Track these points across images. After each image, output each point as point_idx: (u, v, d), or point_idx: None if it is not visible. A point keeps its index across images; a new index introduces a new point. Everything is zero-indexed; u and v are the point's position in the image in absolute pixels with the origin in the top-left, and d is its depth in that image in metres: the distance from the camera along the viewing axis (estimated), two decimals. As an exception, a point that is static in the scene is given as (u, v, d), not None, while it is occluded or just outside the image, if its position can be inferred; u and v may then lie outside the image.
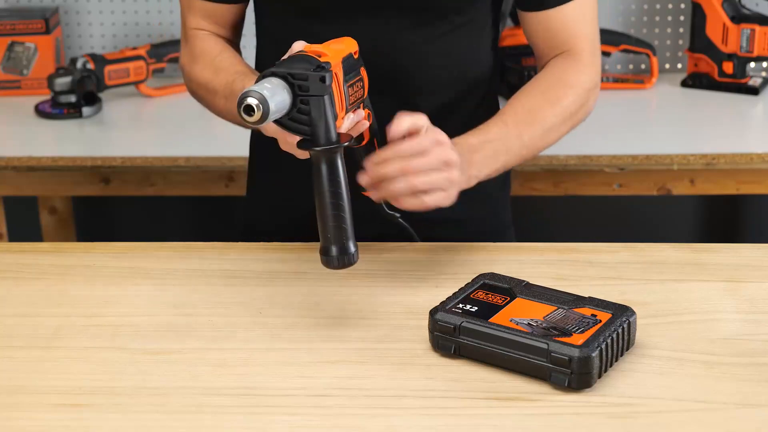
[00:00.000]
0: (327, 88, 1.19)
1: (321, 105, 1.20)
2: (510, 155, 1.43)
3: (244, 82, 1.41)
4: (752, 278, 1.38)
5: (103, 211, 2.90)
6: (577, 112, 1.49)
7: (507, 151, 1.42)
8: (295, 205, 1.56)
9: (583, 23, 1.51)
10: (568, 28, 1.50)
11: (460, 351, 1.19)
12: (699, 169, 2.17)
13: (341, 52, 1.27)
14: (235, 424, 1.10)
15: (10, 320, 1.31)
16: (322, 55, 1.23)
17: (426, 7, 1.47)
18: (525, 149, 1.45)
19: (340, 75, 1.25)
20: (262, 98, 1.16)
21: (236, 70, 1.46)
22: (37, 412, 1.13)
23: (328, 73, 1.19)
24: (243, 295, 1.35)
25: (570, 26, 1.50)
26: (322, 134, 1.20)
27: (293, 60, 1.22)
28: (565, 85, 1.49)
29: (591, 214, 2.83)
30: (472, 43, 1.52)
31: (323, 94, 1.19)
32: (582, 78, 1.50)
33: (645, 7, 2.62)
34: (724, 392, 1.14)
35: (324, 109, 1.20)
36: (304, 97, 1.20)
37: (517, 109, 1.46)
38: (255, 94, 1.16)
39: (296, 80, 1.19)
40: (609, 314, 1.20)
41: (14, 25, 2.51)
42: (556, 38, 1.51)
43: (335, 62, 1.24)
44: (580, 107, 1.50)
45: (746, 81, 2.47)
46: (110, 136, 2.35)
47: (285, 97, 1.19)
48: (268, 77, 1.20)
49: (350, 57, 1.29)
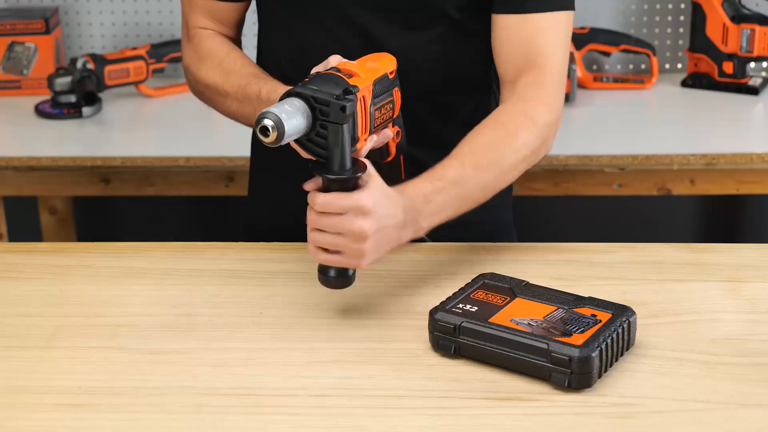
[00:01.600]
0: (347, 118, 1.20)
1: (339, 132, 1.20)
2: (465, 201, 1.36)
3: (259, 84, 1.42)
4: (752, 278, 1.38)
5: (103, 211, 2.90)
6: (537, 149, 1.42)
7: (464, 198, 1.35)
8: (296, 206, 1.56)
9: (556, 43, 1.44)
10: (539, 42, 1.43)
11: (460, 351, 1.19)
12: (699, 169, 2.17)
13: (375, 72, 1.28)
14: (235, 424, 1.10)
15: (9, 320, 1.31)
16: (354, 75, 1.24)
17: (420, 10, 1.46)
18: (482, 192, 1.38)
19: (368, 98, 1.25)
20: (278, 120, 1.17)
21: (248, 72, 1.47)
22: (37, 412, 1.13)
23: (349, 103, 1.19)
24: (243, 295, 1.35)
25: (542, 40, 1.43)
26: (336, 161, 1.21)
27: (322, 79, 1.22)
28: (525, 119, 1.41)
29: (591, 214, 2.83)
30: (467, 46, 1.51)
31: (342, 123, 1.20)
32: (543, 111, 1.42)
33: (645, 7, 2.62)
34: (724, 392, 1.14)
35: (341, 136, 1.20)
36: (323, 122, 1.20)
37: (475, 147, 1.38)
38: (272, 116, 1.17)
39: (318, 104, 1.20)
40: (609, 314, 1.20)
41: (14, 25, 2.51)
42: (526, 52, 1.43)
43: (365, 85, 1.24)
44: (541, 144, 1.42)
45: (746, 81, 2.47)
46: (110, 136, 2.35)
47: (302, 120, 1.19)
48: (292, 97, 1.20)
49: (384, 78, 1.29)
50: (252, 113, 1.43)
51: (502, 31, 1.45)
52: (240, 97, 1.45)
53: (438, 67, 1.50)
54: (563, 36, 1.45)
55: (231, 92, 1.47)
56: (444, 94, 1.52)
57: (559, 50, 1.44)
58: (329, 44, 1.48)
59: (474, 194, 1.37)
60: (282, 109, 1.18)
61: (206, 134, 2.28)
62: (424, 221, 1.31)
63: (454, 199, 1.34)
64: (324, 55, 1.44)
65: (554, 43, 1.44)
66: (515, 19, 1.44)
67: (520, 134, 1.40)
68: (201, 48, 1.53)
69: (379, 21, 1.46)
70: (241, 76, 1.46)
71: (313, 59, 1.41)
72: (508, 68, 1.45)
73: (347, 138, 1.21)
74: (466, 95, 1.54)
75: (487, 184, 1.38)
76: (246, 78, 1.45)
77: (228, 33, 1.57)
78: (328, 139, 1.20)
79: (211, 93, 1.52)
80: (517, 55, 1.44)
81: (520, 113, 1.41)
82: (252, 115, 1.44)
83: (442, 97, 1.52)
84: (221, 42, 1.54)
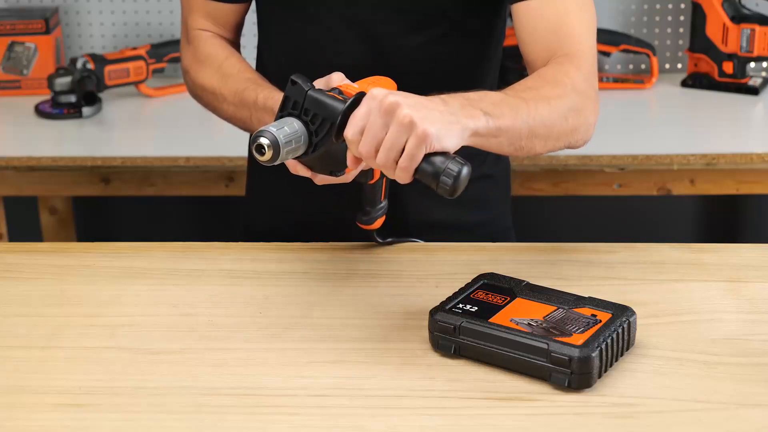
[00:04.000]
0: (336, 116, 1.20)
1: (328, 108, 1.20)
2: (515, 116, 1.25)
3: (256, 90, 1.42)
4: (752, 278, 1.38)
5: (103, 211, 2.90)
6: (578, 110, 1.34)
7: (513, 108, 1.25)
8: (294, 207, 1.57)
9: (585, 25, 1.39)
10: (567, 22, 1.37)
11: (460, 351, 1.19)
12: (699, 169, 2.17)
13: None
14: (235, 424, 1.10)
15: (9, 320, 1.31)
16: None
17: (420, 10, 1.46)
18: (530, 117, 1.27)
19: None
20: (274, 140, 1.18)
21: (245, 77, 1.47)
22: (37, 412, 1.13)
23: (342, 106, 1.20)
24: (243, 295, 1.35)
25: (569, 20, 1.38)
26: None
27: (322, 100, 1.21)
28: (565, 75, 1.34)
29: (591, 214, 2.83)
30: (468, 47, 1.51)
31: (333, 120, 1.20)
32: (580, 78, 1.35)
33: (645, 7, 2.62)
34: (724, 392, 1.14)
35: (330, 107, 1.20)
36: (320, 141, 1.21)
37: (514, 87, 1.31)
38: (268, 135, 1.18)
39: (314, 125, 1.20)
40: (609, 314, 1.20)
41: (14, 25, 2.51)
42: (555, 35, 1.38)
43: None
44: (580, 109, 1.34)
45: (746, 81, 2.47)
46: (110, 136, 2.35)
47: (300, 140, 1.20)
48: (289, 118, 1.21)
49: None
50: (248, 118, 1.44)
51: (526, 20, 1.40)
52: (236, 101, 1.45)
53: (438, 67, 1.50)
54: (589, 15, 1.40)
55: (228, 96, 1.47)
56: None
57: (588, 32, 1.39)
58: (329, 44, 1.48)
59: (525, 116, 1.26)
60: (279, 127, 1.19)
61: (206, 134, 2.28)
62: (478, 106, 1.21)
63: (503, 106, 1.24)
64: (324, 55, 1.44)
65: (582, 24, 1.38)
66: (537, 3, 1.38)
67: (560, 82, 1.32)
68: (200, 51, 1.54)
69: (379, 20, 1.46)
70: (239, 80, 1.46)
71: (314, 59, 1.41)
72: (539, 54, 1.39)
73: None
74: None
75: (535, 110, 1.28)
76: (243, 83, 1.45)
77: (227, 35, 1.57)
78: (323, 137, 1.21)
79: (208, 96, 1.52)
80: (546, 41, 1.38)
81: (558, 71, 1.34)
82: (248, 120, 1.44)
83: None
84: (220, 45, 1.54)
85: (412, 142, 1.15)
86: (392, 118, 1.15)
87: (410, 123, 1.15)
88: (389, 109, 1.15)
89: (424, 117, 1.15)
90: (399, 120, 1.15)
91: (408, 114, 1.15)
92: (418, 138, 1.15)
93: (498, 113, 1.23)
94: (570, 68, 1.36)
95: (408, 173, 1.17)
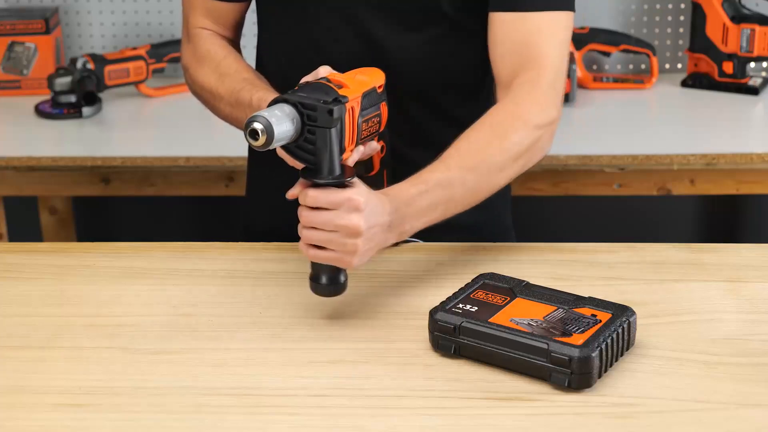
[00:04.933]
0: (334, 122, 1.20)
1: (327, 137, 1.21)
2: (451, 204, 1.34)
3: (252, 91, 1.42)
4: (752, 278, 1.38)
5: (103, 211, 2.90)
6: (530, 149, 1.38)
7: (447, 201, 1.33)
8: (294, 207, 1.56)
9: (553, 43, 1.41)
10: (536, 41, 1.40)
11: (460, 351, 1.19)
12: (699, 169, 2.17)
13: (364, 85, 1.28)
14: (235, 424, 1.10)
15: (9, 320, 1.31)
16: (343, 86, 1.24)
17: (418, 9, 1.46)
18: (471, 194, 1.36)
19: (357, 109, 1.26)
20: (268, 125, 1.18)
21: (242, 77, 1.47)
22: (37, 412, 1.13)
23: (337, 107, 1.20)
24: (243, 295, 1.35)
25: (538, 40, 1.40)
26: (325, 167, 1.21)
27: (311, 88, 1.23)
28: (516, 119, 1.38)
29: (591, 214, 2.83)
30: (466, 47, 1.51)
31: (330, 127, 1.20)
32: (536, 111, 1.38)
33: (645, 7, 2.62)
34: (724, 392, 1.14)
35: (330, 141, 1.21)
36: (311, 127, 1.21)
37: (462, 148, 1.35)
38: (262, 120, 1.18)
39: (306, 110, 1.21)
40: (609, 314, 1.20)
41: (14, 25, 2.51)
42: (522, 51, 1.40)
43: (354, 96, 1.25)
44: (533, 144, 1.38)
45: (746, 81, 2.47)
46: (110, 136, 2.35)
47: (291, 125, 1.20)
48: (280, 104, 1.21)
49: (373, 91, 1.30)
50: (243, 118, 1.43)
51: (498, 29, 1.42)
52: (233, 101, 1.45)
53: (436, 67, 1.50)
54: (562, 36, 1.42)
55: (225, 96, 1.47)
56: (441, 96, 1.52)
57: (556, 50, 1.41)
58: (328, 44, 1.48)
59: (461, 196, 1.35)
60: (271, 113, 1.19)
61: (206, 134, 2.28)
62: (408, 224, 1.29)
63: (439, 201, 1.32)
64: (323, 55, 1.44)
65: (551, 43, 1.41)
66: (511, 17, 1.41)
67: (510, 135, 1.37)
68: (199, 49, 1.54)
69: (378, 20, 1.46)
70: (236, 80, 1.46)
71: (313, 59, 1.41)
72: (504, 68, 1.42)
73: (336, 143, 1.21)
74: (463, 97, 1.54)
75: (475, 186, 1.36)
76: (240, 83, 1.45)
77: (227, 34, 1.57)
78: (317, 144, 1.21)
79: (206, 95, 1.52)
80: (513, 55, 1.41)
81: (510, 114, 1.39)
82: (243, 120, 1.44)
83: (438, 99, 1.52)
84: (220, 44, 1.54)
85: (335, 257, 1.23)
86: (344, 234, 1.21)
87: (352, 250, 1.22)
88: (351, 230, 1.21)
89: (364, 252, 1.24)
90: (346, 243, 1.22)
91: (356, 244, 1.22)
92: (344, 261, 1.24)
93: (426, 217, 1.32)
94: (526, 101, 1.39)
95: (307, 252, 1.25)
